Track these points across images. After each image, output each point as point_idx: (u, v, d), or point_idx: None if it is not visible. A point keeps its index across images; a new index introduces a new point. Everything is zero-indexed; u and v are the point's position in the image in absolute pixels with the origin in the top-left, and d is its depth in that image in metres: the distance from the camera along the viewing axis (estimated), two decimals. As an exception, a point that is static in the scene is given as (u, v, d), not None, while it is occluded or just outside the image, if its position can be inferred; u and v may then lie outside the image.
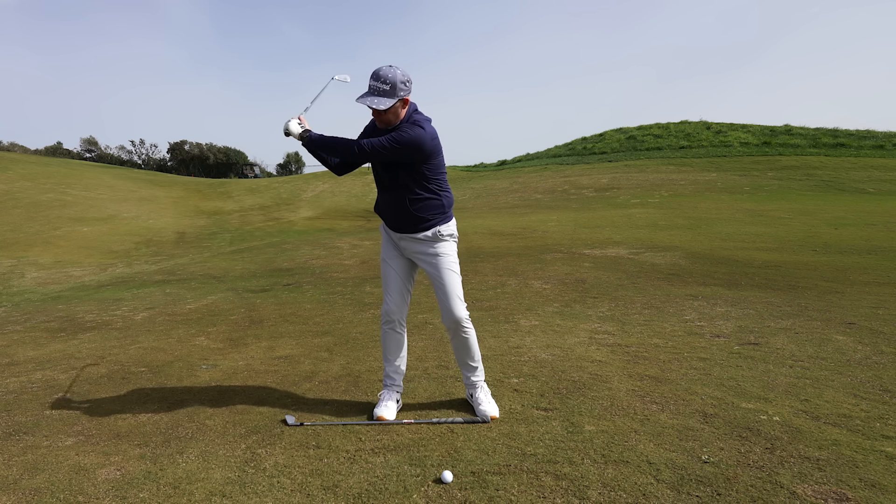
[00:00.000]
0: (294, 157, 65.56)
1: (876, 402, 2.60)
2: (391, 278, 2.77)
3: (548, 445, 2.33)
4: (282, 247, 11.93)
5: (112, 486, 2.17)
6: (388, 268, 2.77)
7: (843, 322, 4.00)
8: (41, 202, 19.38)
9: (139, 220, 18.64)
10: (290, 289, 6.80)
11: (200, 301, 6.38)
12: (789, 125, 27.90)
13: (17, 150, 54.11)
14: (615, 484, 2.01)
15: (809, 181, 18.42)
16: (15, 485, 2.21)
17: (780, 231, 9.82)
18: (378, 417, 2.65)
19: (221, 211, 22.14)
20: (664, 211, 13.75)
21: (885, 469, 2.02)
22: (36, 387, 3.47)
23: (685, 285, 5.62)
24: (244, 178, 52.49)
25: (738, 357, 3.33)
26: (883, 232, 9.20)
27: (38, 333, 5.19)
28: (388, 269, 2.77)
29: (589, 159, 27.57)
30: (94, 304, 6.80)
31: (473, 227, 12.60)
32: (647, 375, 3.09)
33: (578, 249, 8.39)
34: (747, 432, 2.35)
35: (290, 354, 3.93)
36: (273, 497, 2.04)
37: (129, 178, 29.12)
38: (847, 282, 5.53)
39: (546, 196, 19.64)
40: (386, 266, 2.77)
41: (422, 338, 4.13)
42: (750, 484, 1.96)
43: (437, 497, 1.99)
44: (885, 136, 24.78)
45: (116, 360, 4.02)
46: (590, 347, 3.68)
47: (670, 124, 30.83)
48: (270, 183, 31.09)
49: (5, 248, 13.50)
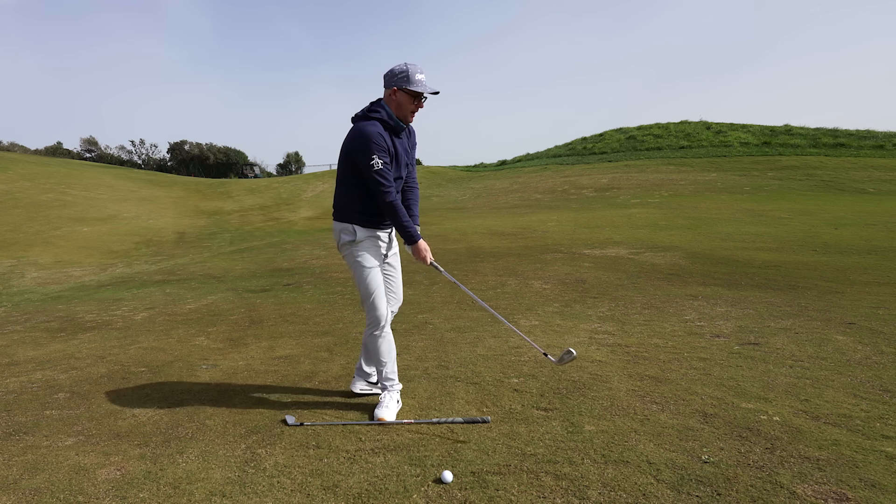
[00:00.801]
0: (294, 157, 65.52)
1: (876, 402, 2.60)
2: (381, 284, 2.80)
3: (548, 445, 2.32)
4: (282, 247, 11.93)
5: (112, 486, 2.17)
6: (378, 274, 2.78)
7: (843, 322, 4.00)
8: (41, 202, 19.38)
9: (139, 220, 18.64)
10: (290, 289, 6.80)
11: (200, 301, 6.38)
12: (789, 125, 27.91)
13: (17, 150, 54.06)
14: (615, 484, 2.01)
15: (809, 181, 18.42)
16: (15, 485, 2.21)
17: (780, 231, 9.82)
18: (378, 419, 2.65)
19: (221, 211, 22.14)
20: (664, 211, 13.75)
21: (885, 469, 2.02)
22: (36, 387, 3.47)
23: (685, 285, 5.62)
24: (244, 178, 52.47)
25: (738, 357, 3.33)
26: (883, 232, 9.20)
27: (38, 333, 5.19)
28: (378, 276, 2.78)
29: (589, 159, 27.58)
30: (94, 304, 6.80)
31: (473, 227, 12.60)
32: (647, 375, 3.09)
33: (578, 249, 8.39)
34: (747, 432, 2.35)
35: (290, 354, 3.93)
36: (273, 497, 2.04)
37: (129, 178, 29.12)
38: (847, 282, 5.53)
39: (546, 196, 19.64)
40: (376, 273, 2.77)
41: (422, 338, 4.13)
42: (750, 484, 1.96)
43: (437, 497, 1.99)
44: (885, 136, 24.79)
45: (116, 360, 4.02)
46: (590, 347, 3.68)
47: (670, 124, 30.84)
48: (270, 183, 31.08)
49: (5, 248, 13.50)
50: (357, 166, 2.61)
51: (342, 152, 2.69)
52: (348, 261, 2.78)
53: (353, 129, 2.65)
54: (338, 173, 2.75)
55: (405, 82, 2.58)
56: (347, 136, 2.67)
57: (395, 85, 2.60)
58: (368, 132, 2.57)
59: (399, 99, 2.62)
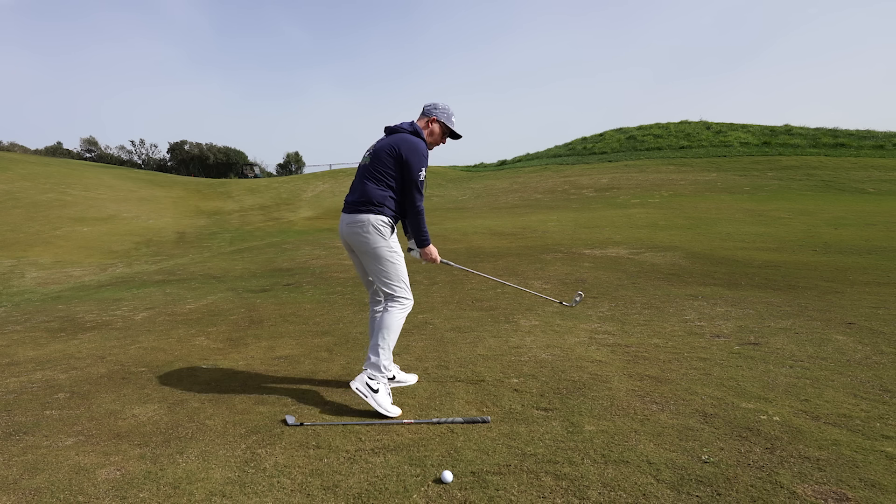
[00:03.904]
0: (294, 157, 65.49)
1: (876, 402, 2.60)
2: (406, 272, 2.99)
3: (548, 445, 2.32)
4: (282, 247, 11.93)
5: (112, 486, 2.17)
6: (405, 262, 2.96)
7: (843, 322, 4.00)
8: (41, 202, 19.38)
9: (139, 220, 18.64)
10: (290, 289, 6.80)
11: (200, 301, 6.38)
12: (789, 125, 27.93)
13: (17, 150, 54.07)
14: (615, 484, 2.01)
15: (809, 181, 18.42)
16: (15, 485, 2.21)
17: (780, 231, 9.82)
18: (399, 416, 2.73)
19: (221, 211, 22.14)
20: (664, 211, 13.75)
21: (885, 469, 2.02)
22: (36, 387, 3.47)
23: (685, 285, 5.62)
24: (244, 178, 52.47)
25: (738, 357, 3.33)
26: (883, 232, 9.20)
27: (38, 333, 5.19)
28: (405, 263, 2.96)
29: (589, 159, 27.59)
30: (94, 304, 6.80)
31: (473, 227, 12.60)
32: (647, 375, 3.09)
33: (578, 249, 8.39)
34: (747, 432, 2.35)
35: (290, 354, 3.93)
36: (273, 497, 2.04)
37: (129, 178, 29.12)
38: (847, 282, 5.53)
39: (546, 196, 19.64)
40: (404, 261, 2.94)
41: (422, 338, 4.13)
42: (750, 484, 1.96)
43: (437, 497, 1.99)
44: (885, 136, 24.80)
45: (116, 360, 4.02)
46: (590, 347, 3.68)
47: (670, 124, 30.86)
48: (270, 183, 31.09)
49: (5, 248, 13.50)
50: (404, 172, 2.81)
51: (391, 154, 2.82)
52: (380, 252, 2.84)
53: (411, 140, 2.83)
54: (373, 169, 2.86)
55: (446, 118, 2.98)
56: (402, 143, 2.82)
57: (437, 116, 2.96)
58: (424, 149, 2.85)
59: (434, 129, 2.98)
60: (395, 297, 2.88)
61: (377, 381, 2.77)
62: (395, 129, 2.92)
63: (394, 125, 2.95)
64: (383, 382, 2.79)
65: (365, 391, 2.74)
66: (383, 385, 2.78)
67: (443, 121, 2.96)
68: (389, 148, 2.82)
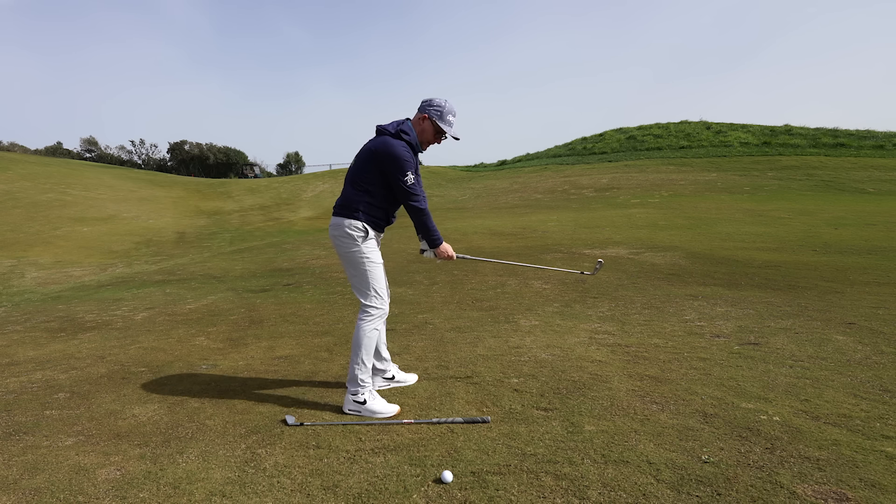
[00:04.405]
0: (294, 157, 65.49)
1: (876, 402, 2.60)
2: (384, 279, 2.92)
3: (548, 445, 2.32)
4: (282, 247, 11.93)
5: (112, 486, 2.17)
6: (381, 269, 2.90)
7: (843, 322, 4.00)
8: (41, 202, 19.38)
9: (139, 220, 18.64)
10: (290, 289, 6.80)
11: (200, 301, 6.38)
12: (789, 125, 27.93)
13: (17, 150, 54.06)
14: (615, 484, 2.01)
15: (809, 181, 18.42)
16: (15, 485, 2.21)
17: (780, 231, 9.82)
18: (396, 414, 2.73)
19: (221, 211, 22.15)
20: (664, 211, 13.76)
21: (885, 469, 2.02)
22: (36, 387, 3.47)
23: (685, 285, 5.62)
24: (244, 178, 52.45)
25: (738, 357, 3.33)
26: (883, 232, 9.20)
27: (38, 333, 5.19)
28: (381, 271, 2.90)
29: (589, 159, 27.59)
30: (94, 304, 6.80)
31: (473, 227, 12.60)
32: (647, 375, 3.09)
33: (578, 249, 8.39)
34: (747, 432, 2.35)
35: (290, 354, 3.93)
36: (273, 497, 2.04)
37: (129, 178, 29.12)
38: (847, 282, 5.53)
39: (546, 196, 19.65)
40: (380, 268, 2.89)
41: (422, 338, 4.13)
42: (750, 484, 1.96)
43: (437, 497, 1.99)
44: (885, 136, 24.80)
45: (116, 360, 4.02)
46: (590, 347, 3.68)
47: (670, 124, 30.86)
48: (270, 183, 31.08)
49: (5, 248, 13.50)
50: (388, 177, 2.72)
51: (367, 158, 2.76)
52: (352, 256, 2.80)
53: (384, 142, 2.72)
54: (354, 174, 2.81)
55: (437, 117, 2.78)
56: (377, 147, 2.73)
57: (428, 114, 2.79)
58: (403, 151, 2.69)
59: (425, 127, 2.81)
60: (365, 304, 2.83)
61: (360, 393, 2.78)
62: (380, 130, 2.82)
63: (382, 125, 2.84)
64: (367, 390, 2.79)
65: (355, 409, 2.77)
66: (367, 393, 2.78)
67: (434, 119, 2.78)
68: (367, 153, 2.76)
